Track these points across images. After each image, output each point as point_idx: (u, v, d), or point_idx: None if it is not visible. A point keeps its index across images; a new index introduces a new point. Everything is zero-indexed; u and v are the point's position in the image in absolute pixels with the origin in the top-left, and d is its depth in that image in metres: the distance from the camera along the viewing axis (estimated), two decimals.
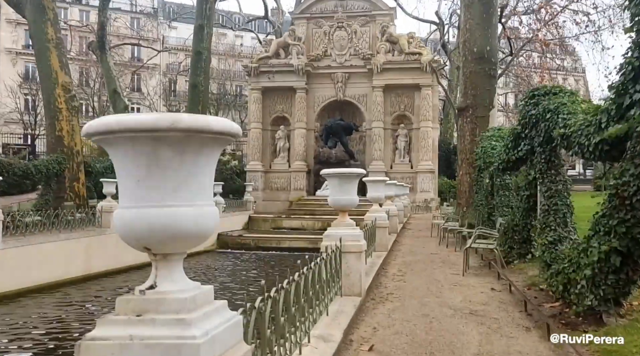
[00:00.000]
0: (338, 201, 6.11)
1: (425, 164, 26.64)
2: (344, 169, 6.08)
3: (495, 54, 14.95)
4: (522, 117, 7.55)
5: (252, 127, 28.31)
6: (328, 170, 6.12)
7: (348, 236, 6.09)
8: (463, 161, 15.25)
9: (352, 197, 6.09)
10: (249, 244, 21.12)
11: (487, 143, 10.51)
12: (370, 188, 10.05)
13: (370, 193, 10.04)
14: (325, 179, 6.17)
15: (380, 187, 10.00)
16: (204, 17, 23.15)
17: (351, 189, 6.09)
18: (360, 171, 6.12)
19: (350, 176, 6.04)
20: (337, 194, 6.07)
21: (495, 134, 10.61)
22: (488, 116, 14.90)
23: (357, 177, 6.14)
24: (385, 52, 27.06)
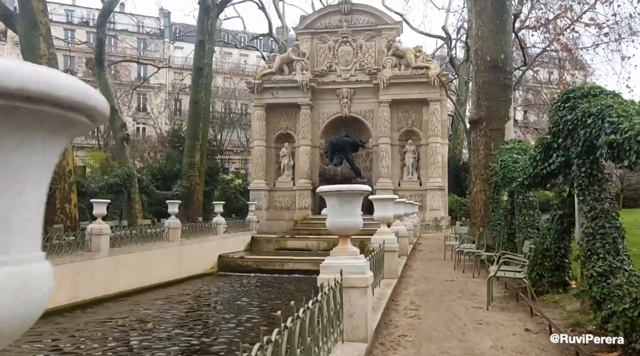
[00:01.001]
0: (338, 224, 4.96)
1: (435, 181, 25.41)
2: (345, 185, 4.95)
3: (509, 62, 13.86)
4: (554, 124, 6.39)
5: (255, 144, 27.32)
6: (326, 187, 4.98)
7: (350, 267, 4.93)
8: (477, 177, 14.03)
9: (355, 219, 4.95)
10: (250, 267, 19.90)
11: (506, 157, 9.34)
12: (377, 207, 8.88)
13: (378, 212, 8.87)
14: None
15: (388, 206, 8.84)
16: (205, 33, 22.37)
17: (353, 209, 4.95)
18: (364, 188, 4.97)
19: (352, 194, 4.91)
20: (336, 215, 4.93)
21: (516, 147, 9.45)
22: (503, 128, 13.72)
23: (361, 195, 5.00)
24: (391, 66, 26.10)
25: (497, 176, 12.46)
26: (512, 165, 8.85)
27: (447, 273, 10.22)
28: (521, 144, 9.56)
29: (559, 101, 6.30)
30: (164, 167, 24.53)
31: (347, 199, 4.94)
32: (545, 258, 7.23)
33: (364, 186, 5.03)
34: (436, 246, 16.83)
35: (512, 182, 8.81)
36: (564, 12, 18.97)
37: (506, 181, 9.57)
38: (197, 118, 22.36)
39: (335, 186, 4.98)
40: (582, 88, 6.11)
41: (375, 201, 8.90)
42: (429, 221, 24.40)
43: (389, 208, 8.82)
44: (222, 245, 20.65)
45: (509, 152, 9.35)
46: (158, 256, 16.05)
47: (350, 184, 5.13)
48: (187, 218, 22.19)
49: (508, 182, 9.27)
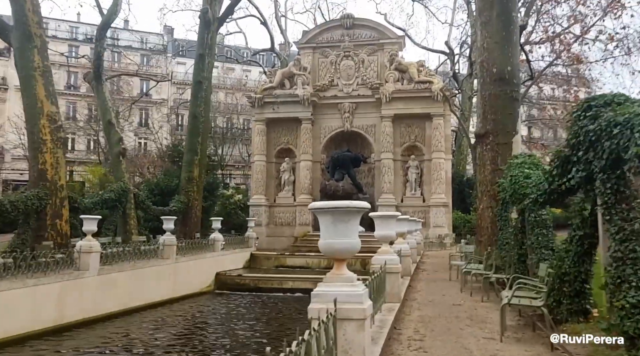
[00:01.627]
0: (331, 246, 4.31)
1: (438, 198, 24.71)
2: (340, 202, 4.30)
3: (517, 74, 13.28)
4: (574, 135, 5.75)
5: (255, 159, 26.77)
6: (318, 203, 4.33)
7: (346, 296, 4.26)
8: (483, 194, 13.36)
9: (351, 240, 4.30)
10: (248, 285, 19.13)
11: (517, 172, 8.68)
12: (379, 224, 8.22)
13: (379, 230, 8.20)
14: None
15: (390, 223, 8.17)
16: (205, 46, 21.96)
17: (350, 229, 4.30)
18: (362, 205, 4.32)
19: (348, 211, 4.27)
20: (330, 236, 4.28)
21: (527, 161, 8.80)
22: (511, 142, 13.07)
23: (358, 213, 4.36)
24: (394, 81, 25.62)
25: (506, 193, 11.79)
26: (523, 181, 8.19)
27: (454, 296, 9.49)
28: (532, 159, 8.92)
29: (579, 110, 5.66)
30: (162, 182, 23.92)
31: (343, 218, 4.29)
32: (564, 283, 6.53)
33: (362, 203, 4.38)
34: (441, 265, 16.08)
35: (523, 199, 8.14)
36: (573, 23, 18.45)
37: (516, 198, 8.90)
38: (196, 132, 21.82)
39: (328, 203, 4.33)
40: (605, 96, 5.49)
41: (376, 219, 8.24)
42: (433, 239, 23.66)
43: (391, 226, 8.15)
44: (219, 262, 19.94)
45: (519, 167, 8.71)
46: (152, 274, 15.34)
47: (346, 201, 4.47)
48: (184, 234, 21.54)
49: (519, 199, 8.60)
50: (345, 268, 4.48)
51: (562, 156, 6.16)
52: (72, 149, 41.61)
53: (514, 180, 8.62)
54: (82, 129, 39.60)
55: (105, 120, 18.81)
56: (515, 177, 8.63)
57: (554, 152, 6.36)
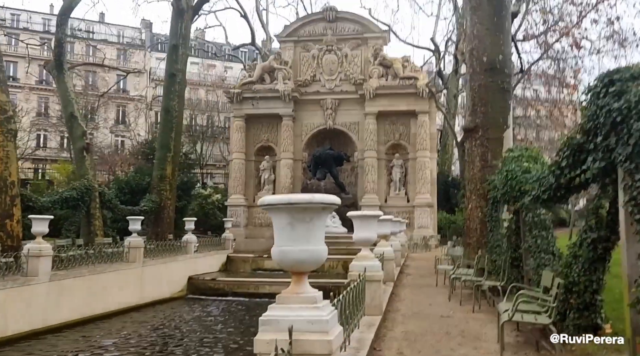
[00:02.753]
0: (286, 256, 3.21)
1: (423, 198, 23.77)
2: (298, 196, 3.19)
3: (508, 64, 12.34)
4: (590, 117, 4.73)
5: (234, 157, 25.56)
6: (268, 198, 3.24)
7: (306, 323, 3.17)
8: (472, 193, 12.38)
9: (315, 247, 3.21)
10: (223, 290, 17.91)
11: (513, 166, 7.68)
12: (358, 226, 7.13)
13: (359, 232, 7.11)
14: None
15: (371, 224, 7.08)
16: (178, 36, 20.67)
17: (312, 232, 3.21)
18: (328, 200, 3.22)
19: (311, 208, 3.18)
20: (285, 241, 3.19)
21: (524, 154, 7.80)
22: (502, 137, 12.12)
23: (324, 210, 3.27)
24: (378, 76, 24.63)
25: (497, 191, 10.81)
26: (522, 176, 7.18)
27: (442, 306, 8.46)
28: (530, 152, 7.92)
29: (598, 86, 4.64)
30: (133, 181, 22.50)
31: (304, 218, 3.19)
32: (571, 294, 5.51)
33: (328, 197, 3.26)
34: (426, 269, 15.09)
35: (521, 197, 7.13)
36: (561, 19, 17.63)
37: (512, 196, 7.90)
38: (169, 127, 20.53)
39: (282, 197, 3.22)
40: (630, 68, 4.48)
41: (355, 219, 7.16)
42: (417, 240, 22.70)
43: (372, 227, 7.07)
44: (193, 266, 18.69)
45: (516, 161, 7.70)
46: (114, 279, 14.05)
47: (307, 194, 3.36)
48: (156, 235, 20.24)
49: (516, 197, 7.59)
50: (307, 284, 3.37)
51: (573, 143, 5.14)
52: (44, 147, 39.84)
53: (510, 176, 7.61)
54: (54, 126, 37.84)
55: (68, 112, 17.44)
56: (512, 172, 7.61)
57: (564, 140, 5.34)
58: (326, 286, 7.50)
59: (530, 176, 6.87)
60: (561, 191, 5.61)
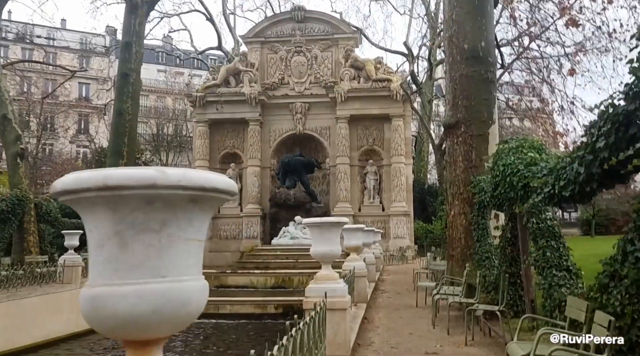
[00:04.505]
0: (105, 308, 1.45)
1: (399, 206, 22.19)
2: (128, 171, 1.46)
3: (492, 51, 10.84)
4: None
5: (197, 165, 23.56)
6: (71, 178, 1.49)
7: None
8: (455, 197, 10.76)
9: (179, 285, 1.44)
10: None
11: (512, 159, 6.03)
12: (316, 236, 5.39)
13: (317, 245, 5.36)
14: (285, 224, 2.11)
15: (333, 234, 5.33)
16: (132, 33, 18.69)
17: (171, 251, 1.45)
18: (211, 182, 1.48)
19: (162, 199, 1.43)
20: (105, 275, 1.44)
21: (524, 145, 6.18)
22: (487, 133, 10.58)
23: (197, 205, 1.51)
24: (349, 79, 23.09)
25: (484, 194, 9.21)
26: (526, 170, 5.54)
27: (426, 336, 6.71)
28: (532, 142, 6.30)
29: None
30: None
31: (143, 220, 1.42)
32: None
33: (204, 176, 1.50)
34: (404, 284, 13.38)
35: (526, 196, 5.48)
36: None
37: (509, 198, 6.25)
38: (121, 132, 18.45)
39: (92, 173, 1.44)
40: None
41: (312, 228, 5.41)
42: (394, 251, 21.05)
43: (334, 238, 5.31)
44: None
45: (515, 153, 6.08)
46: (42, 304, 11.88)
47: (151, 169, 1.52)
48: None
49: (517, 197, 5.94)
50: None
51: (616, 113, 3.49)
52: None
53: (510, 170, 5.95)
54: None
55: (0, 114, 15.26)
56: (511, 166, 5.96)
57: (601, 110, 3.69)
58: (294, 305, 5.71)
59: (538, 169, 5.22)
60: (593, 184, 3.95)
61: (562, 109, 20.04)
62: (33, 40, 43.12)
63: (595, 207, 29.34)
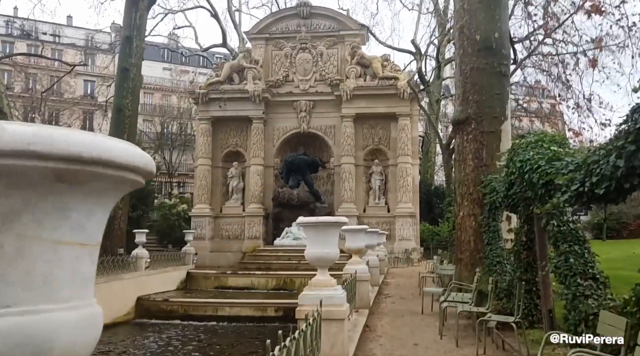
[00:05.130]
0: None
1: (405, 207, 21.53)
2: None
3: (506, 44, 10.21)
4: None
5: (199, 163, 23.04)
6: None
7: None
8: (464, 197, 10.14)
9: None
10: (176, 312, 15.35)
11: (531, 154, 5.40)
12: (312, 238, 4.80)
13: (312, 247, 4.77)
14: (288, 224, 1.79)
15: (329, 236, 4.74)
16: (132, 27, 18.19)
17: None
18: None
19: None
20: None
21: (545, 139, 5.55)
22: (499, 130, 9.95)
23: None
24: (355, 76, 22.47)
25: (496, 195, 8.59)
26: (547, 166, 4.93)
27: (432, 348, 6.10)
28: (553, 136, 5.66)
29: None
30: None
31: None
32: None
33: None
34: (409, 288, 12.77)
35: (549, 195, 4.86)
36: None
37: (525, 198, 5.63)
38: (121, 128, 17.97)
39: None
40: None
41: (308, 229, 4.83)
42: (399, 254, 20.42)
43: (331, 240, 4.72)
44: (143, 284, 16.10)
45: (534, 148, 5.46)
46: None
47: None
48: (104, 250, 17.54)
49: (536, 197, 5.31)
50: None
51: None
52: None
53: (529, 167, 5.32)
54: None
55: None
56: (530, 162, 5.33)
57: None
58: (294, 309, 5.12)
59: (563, 165, 4.60)
60: (634, 179, 3.34)
61: (578, 106, 19.24)
62: (38, 37, 42.92)
63: (607, 210, 28.53)
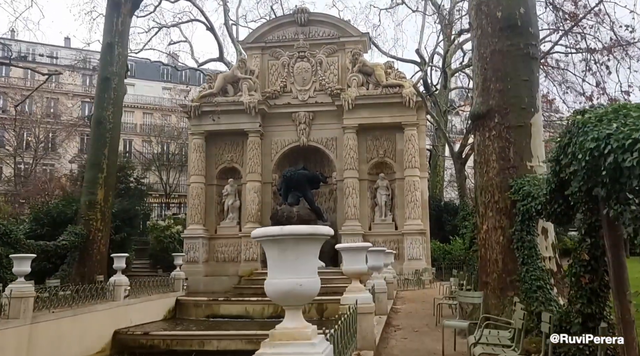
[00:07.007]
0: None
1: (414, 224, 19.53)
2: None
3: (533, 20, 8.40)
4: None
5: (192, 181, 21.27)
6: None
7: None
8: (488, 207, 8.21)
9: None
10: (158, 348, 13.41)
11: (614, 128, 3.52)
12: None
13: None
14: None
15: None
16: (114, 33, 16.63)
17: None
18: None
19: None
20: None
21: (627, 107, 3.69)
22: (529, 124, 8.06)
23: None
24: (357, 85, 20.79)
25: (531, 201, 6.74)
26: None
27: None
28: (638, 104, 3.82)
29: None
30: (54, 210, 17.94)
31: None
32: None
33: None
34: (422, 317, 10.75)
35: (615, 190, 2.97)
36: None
37: (609, 190, 3.74)
38: (101, 142, 16.26)
39: None
40: None
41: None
42: (409, 275, 18.33)
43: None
44: (122, 316, 14.16)
45: (616, 119, 3.58)
46: None
47: None
48: (81, 277, 15.70)
49: (615, 192, 3.43)
50: None
51: None
52: None
53: (616, 143, 3.43)
54: None
55: None
56: (617, 137, 3.43)
57: None
58: None
59: None
60: None
61: (615, 101, 17.23)
62: (35, 59, 41.92)
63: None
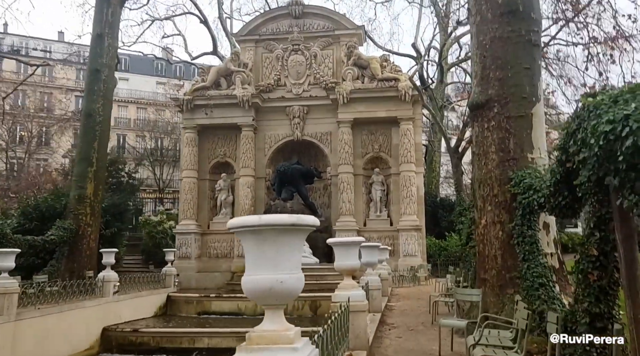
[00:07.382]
0: None
1: (409, 220, 19.20)
2: None
3: (535, 5, 8.05)
4: None
5: (184, 175, 20.84)
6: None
7: None
8: (487, 201, 7.87)
9: None
10: (147, 345, 13.07)
11: (632, 108, 3.18)
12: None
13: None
14: None
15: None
16: (104, 24, 16.14)
17: None
18: None
19: None
20: None
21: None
22: (530, 115, 7.73)
23: None
24: (352, 78, 20.40)
25: (533, 194, 6.41)
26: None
27: None
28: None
29: None
30: (43, 204, 17.51)
31: None
32: None
33: None
34: (418, 315, 10.43)
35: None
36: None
37: (623, 178, 3.40)
38: (90, 136, 15.82)
39: None
40: None
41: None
42: (404, 271, 18.02)
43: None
44: (110, 312, 13.78)
45: (633, 100, 3.24)
46: None
47: None
48: (71, 272, 15.30)
49: (630, 181, 3.09)
50: None
51: None
52: None
53: (636, 125, 3.08)
54: None
55: None
56: (634, 117, 3.09)
57: None
58: None
59: None
60: None
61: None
62: (28, 53, 41.31)
63: None
